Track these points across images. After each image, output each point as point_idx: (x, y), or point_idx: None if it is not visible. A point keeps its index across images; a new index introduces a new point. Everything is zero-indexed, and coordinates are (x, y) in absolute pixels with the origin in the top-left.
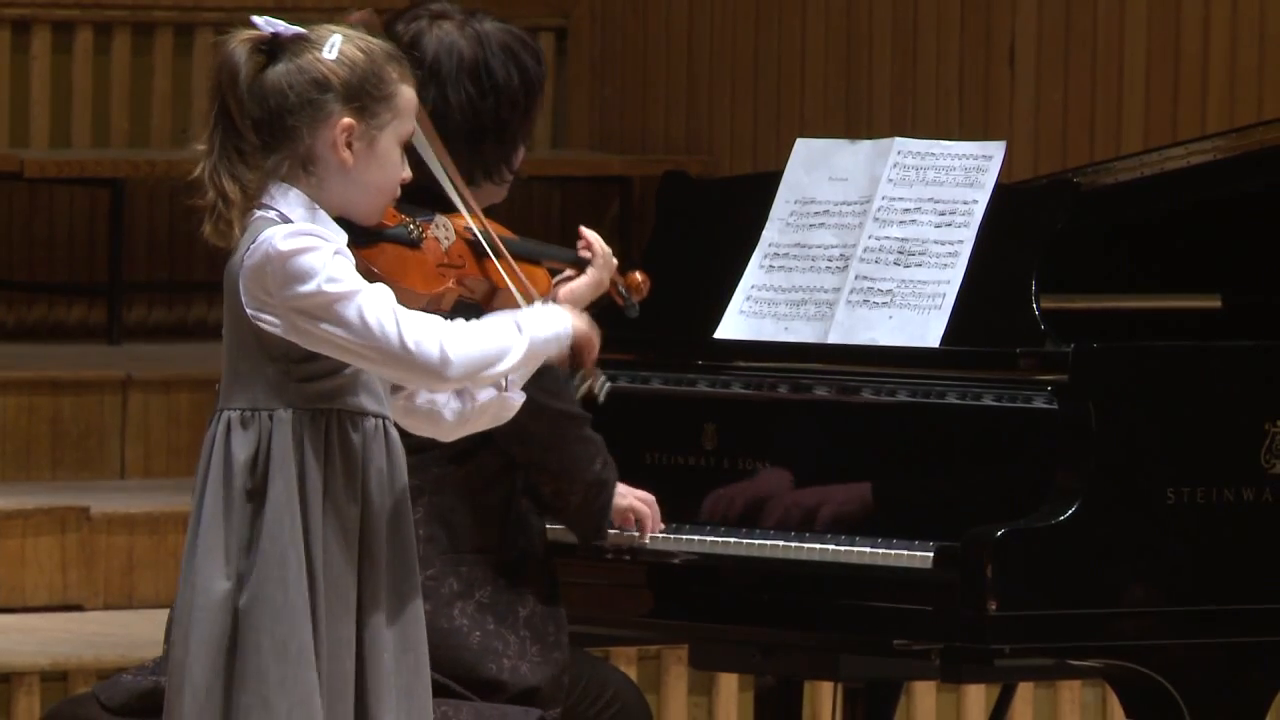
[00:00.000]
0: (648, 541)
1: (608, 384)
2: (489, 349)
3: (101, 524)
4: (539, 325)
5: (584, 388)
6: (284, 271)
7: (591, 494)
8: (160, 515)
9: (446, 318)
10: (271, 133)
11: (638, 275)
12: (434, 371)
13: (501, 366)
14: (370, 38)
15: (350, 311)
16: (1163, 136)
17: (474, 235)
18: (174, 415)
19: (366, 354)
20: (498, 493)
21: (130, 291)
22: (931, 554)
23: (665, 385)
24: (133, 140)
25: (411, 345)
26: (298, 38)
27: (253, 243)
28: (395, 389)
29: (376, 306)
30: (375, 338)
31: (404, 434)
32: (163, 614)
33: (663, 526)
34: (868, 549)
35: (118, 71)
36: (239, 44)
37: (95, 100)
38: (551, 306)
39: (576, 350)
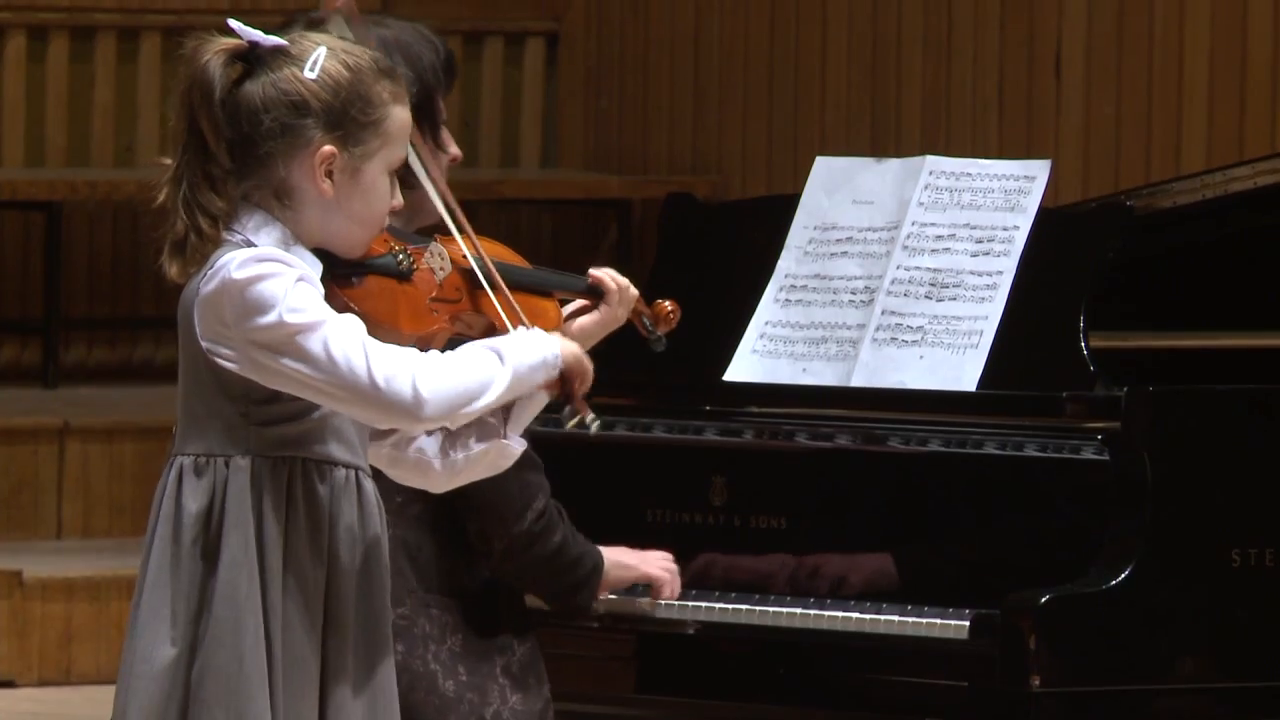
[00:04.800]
0: (654, 610)
1: (596, 420)
2: (467, 384)
3: (36, 590)
4: (522, 353)
5: (574, 420)
6: (241, 301)
7: (518, 547)
8: (102, 580)
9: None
10: (244, 158)
11: (666, 305)
12: (407, 411)
13: (482, 402)
14: (361, 51)
15: (314, 345)
16: (1227, 155)
17: (472, 265)
18: (117, 467)
19: (332, 392)
20: (461, 526)
21: (68, 329)
22: (968, 623)
23: (669, 434)
24: (71, 159)
25: (381, 382)
26: (277, 50)
27: (210, 269)
28: (378, 434)
29: (343, 339)
30: (342, 374)
31: None
32: (104, 691)
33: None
34: (896, 617)
35: (54, 81)
36: (213, 55)
37: (29, 113)
38: (535, 331)
39: (567, 378)
